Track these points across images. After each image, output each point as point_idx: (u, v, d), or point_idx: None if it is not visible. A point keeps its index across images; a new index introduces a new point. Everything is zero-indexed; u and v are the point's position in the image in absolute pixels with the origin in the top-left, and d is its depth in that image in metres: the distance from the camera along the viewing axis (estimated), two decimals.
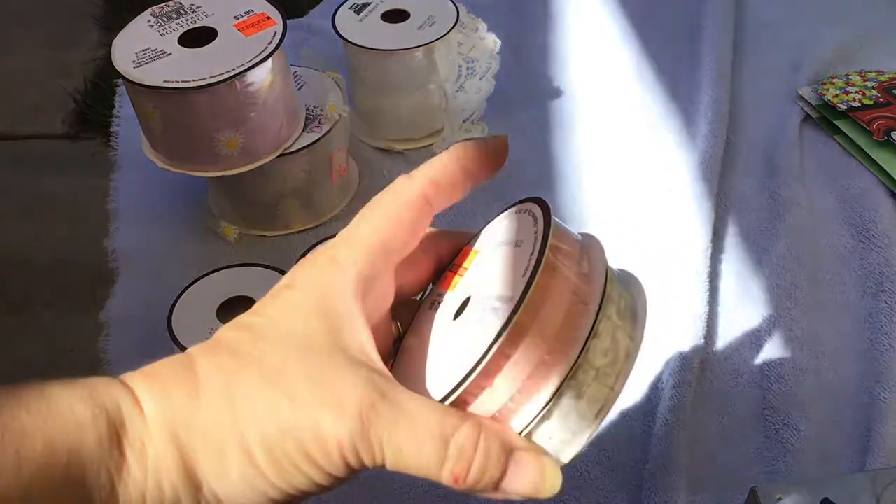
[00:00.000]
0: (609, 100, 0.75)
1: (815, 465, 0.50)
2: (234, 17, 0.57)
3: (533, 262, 0.28)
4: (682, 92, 0.73)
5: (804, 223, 0.62)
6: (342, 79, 0.66)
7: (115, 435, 0.27)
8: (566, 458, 0.29)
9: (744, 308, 0.58)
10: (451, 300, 0.33)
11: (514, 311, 0.27)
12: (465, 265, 0.33)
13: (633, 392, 0.54)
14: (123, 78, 0.54)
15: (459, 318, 0.31)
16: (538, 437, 0.29)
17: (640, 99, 0.74)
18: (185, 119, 0.55)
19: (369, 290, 0.31)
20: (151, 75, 0.54)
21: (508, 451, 0.28)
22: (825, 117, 0.70)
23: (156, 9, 0.58)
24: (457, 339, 0.30)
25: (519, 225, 0.32)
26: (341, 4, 0.68)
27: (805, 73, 0.74)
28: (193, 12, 0.58)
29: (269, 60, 0.55)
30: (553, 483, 0.28)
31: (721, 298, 0.59)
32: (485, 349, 0.27)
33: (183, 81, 0.53)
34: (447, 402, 0.28)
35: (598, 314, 0.28)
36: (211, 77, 0.53)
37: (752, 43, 0.78)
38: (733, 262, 0.61)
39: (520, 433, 0.29)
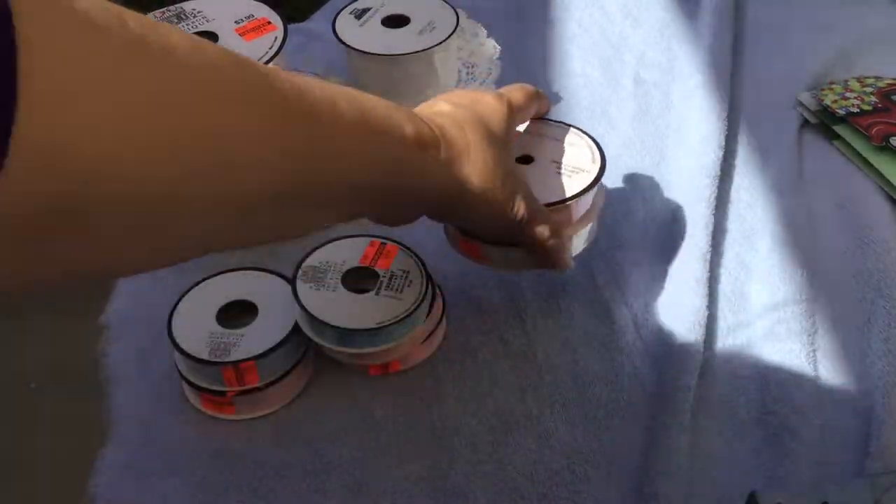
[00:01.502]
0: (608, 105, 0.75)
1: (814, 469, 0.50)
2: (235, 22, 0.58)
3: (597, 169, 0.55)
4: (681, 97, 0.74)
5: (803, 228, 0.63)
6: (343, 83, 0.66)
7: (425, 146, 0.45)
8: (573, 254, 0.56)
9: (743, 313, 0.59)
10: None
11: (596, 178, 0.54)
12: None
13: (632, 396, 0.54)
14: None
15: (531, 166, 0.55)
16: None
17: (639, 104, 0.75)
18: None
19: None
20: None
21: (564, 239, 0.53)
22: (824, 123, 0.70)
23: (157, 13, 0.59)
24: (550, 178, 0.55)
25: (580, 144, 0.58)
26: (342, 9, 0.69)
27: (804, 79, 0.74)
28: (195, 17, 0.58)
29: (270, 65, 0.55)
30: (569, 263, 0.54)
31: (720, 303, 0.59)
32: (585, 186, 0.54)
33: None
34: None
35: (601, 211, 0.57)
36: None
37: (751, 48, 0.78)
38: (732, 268, 0.61)
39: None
